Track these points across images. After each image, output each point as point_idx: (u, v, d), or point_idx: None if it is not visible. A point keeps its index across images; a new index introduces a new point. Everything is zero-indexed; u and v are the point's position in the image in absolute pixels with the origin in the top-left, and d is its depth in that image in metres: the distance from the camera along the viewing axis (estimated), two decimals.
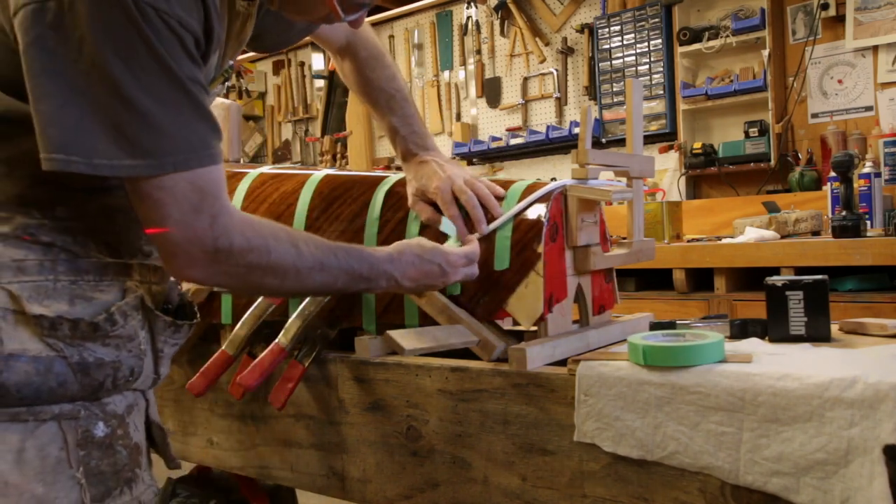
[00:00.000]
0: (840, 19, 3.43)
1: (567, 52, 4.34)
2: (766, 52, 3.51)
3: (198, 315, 1.12)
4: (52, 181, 0.94)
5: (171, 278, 1.10)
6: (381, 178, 1.39)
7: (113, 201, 1.00)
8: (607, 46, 4.02)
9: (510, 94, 4.60)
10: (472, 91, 4.74)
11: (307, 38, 1.37)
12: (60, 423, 0.93)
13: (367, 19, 1.12)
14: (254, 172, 1.53)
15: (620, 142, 3.95)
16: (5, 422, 0.90)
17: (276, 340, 1.28)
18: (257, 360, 1.26)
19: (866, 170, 2.90)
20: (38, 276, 0.92)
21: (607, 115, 4.07)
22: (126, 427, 1.00)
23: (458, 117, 4.81)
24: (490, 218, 1.24)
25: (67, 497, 0.92)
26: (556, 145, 4.27)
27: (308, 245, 1.04)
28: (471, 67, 4.74)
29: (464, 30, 4.75)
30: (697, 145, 3.68)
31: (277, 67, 5.76)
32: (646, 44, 3.88)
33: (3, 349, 0.88)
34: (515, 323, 1.28)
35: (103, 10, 0.82)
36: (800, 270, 2.54)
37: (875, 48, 3.37)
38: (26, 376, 0.89)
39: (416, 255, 1.14)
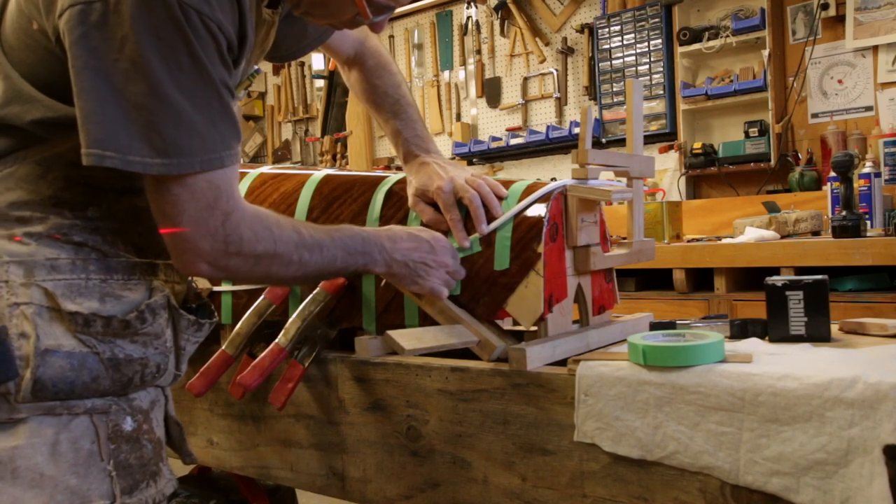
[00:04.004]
0: (840, 19, 3.43)
1: (567, 52, 4.34)
2: (766, 52, 3.51)
3: (216, 315, 1.14)
4: (84, 182, 0.98)
5: (190, 279, 1.12)
6: (381, 178, 1.39)
7: (141, 203, 1.03)
8: (607, 46, 4.02)
9: (510, 94, 4.60)
10: (472, 91, 4.74)
11: None
12: (92, 417, 0.96)
13: None
14: (254, 172, 1.53)
15: (620, 142, 3.95)
16: (40, 415, 0.93)
17: (276, 340, 1.28)
18: (257, 360, 1.26)
19: (866, 170, 2.90)
20: (71, 275, 0.95)
21: (607, 115, 4.07)
22: (150, 422, 1.04)
23: (458, 117, 4.81)
24: (491, 217, 1.24)
25: (99, 489, 0.95)
26: (556, 145, 4.27)
27: (307, 228, 1.08)
28: (471, 67, 4.74)
29: (464, 30, 4.75)
30: (697, 145, 3.68)
31: (277, 67, 5.75)
32: (646, 44, 3.88)
33: (39, 345, 0.91)
34: (515, 323, 1.28)
35: (148, 12, 0.85)
36: (800, 270, 2.54)
37: (875, 48, 3.37)
38: (61, 371, 0.92)
39: (405, 230, 1.20)
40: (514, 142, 4.38)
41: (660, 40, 3.83)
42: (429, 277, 1.19)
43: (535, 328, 1.21)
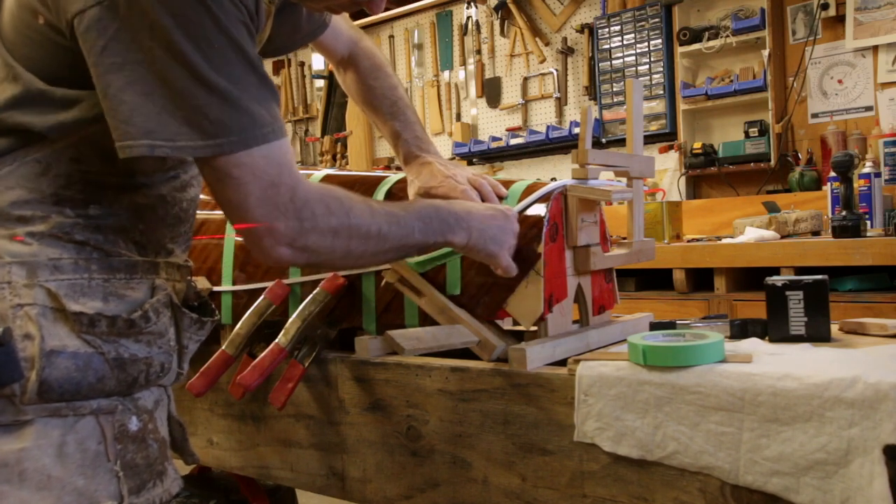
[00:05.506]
0: (840, 19, 3.43)
1: (567, 52, 4.34)
2: (766, 52, 3.51)
3: (217, 313, 1.13)
4: (85, 180, 0.97)
5: (189, 278, 1.12)
6: (381, 178, 1.39)
7: (142, 199, 1.02)
8: (607, 46, 4.02)
9: (510, 94, 4.60)
10: (472, 91, 4.74)
11: None
12: (98, 417, 0.96)
13: (366, 21, 1.12)
14: None
15: (620, 142, 3.95)
16: (46, 417, 0.92)
17: (276, 340, 1.28)
18: (257, 360, 1.26)
19: (866, 170, 2.90)
20: (74, 275, 0.95)
21: (607, 115, 4.07)
22: (155, 421, 1.04)
23: (458, 117, 4.81)
24: None
25: (107, 489, 0.95)
26: (556, 145, 4.27)
27: (376, 202, 1.04)
28: (471, 67, 4.74)
29: (464, 30, 4.75)
30: (697, 145, 3.68)
31: (277, 67, 5.75)
32: (646, 44, 3.88)
33: (44, 346, 0.91)
34: (515, 323, 1.28)
35: None
36: (800, 270, 2.54)
37: (875, 48, 3.37)
38: (66, 372, 0.92)
39: (474, 203, 1.18)
40: (514, 142, 4.38)
41: (660, 40, 3.83)
42: (503, 251, 1.14)
43: (535, 328, 1.21)
